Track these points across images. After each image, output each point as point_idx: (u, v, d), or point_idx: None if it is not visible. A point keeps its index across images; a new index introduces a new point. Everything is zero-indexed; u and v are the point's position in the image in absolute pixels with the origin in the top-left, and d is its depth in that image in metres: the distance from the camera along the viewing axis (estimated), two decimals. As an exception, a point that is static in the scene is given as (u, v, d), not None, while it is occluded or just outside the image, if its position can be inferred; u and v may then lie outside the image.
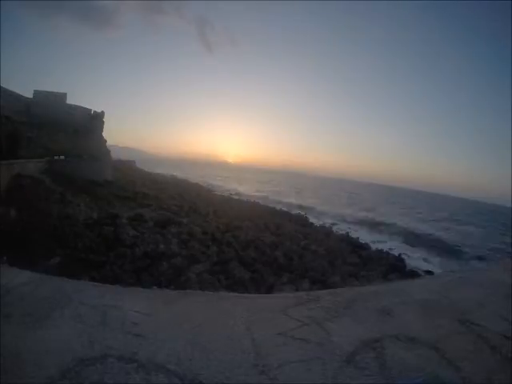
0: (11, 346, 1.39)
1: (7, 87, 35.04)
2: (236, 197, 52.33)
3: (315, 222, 35.95)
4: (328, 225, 35.73)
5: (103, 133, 48.76)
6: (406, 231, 39.82)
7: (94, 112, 47.87)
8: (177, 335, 1.54)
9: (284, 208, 44.50)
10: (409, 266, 22.31)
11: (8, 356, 1.33)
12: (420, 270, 20.99)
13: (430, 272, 18.74)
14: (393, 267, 20.20)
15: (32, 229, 13.94)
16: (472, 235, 44.87)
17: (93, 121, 45.98)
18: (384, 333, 1.60)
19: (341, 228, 35.67)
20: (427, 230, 42.92)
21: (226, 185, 77.70)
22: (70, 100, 46.67)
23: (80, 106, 46.81)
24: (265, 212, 35.88)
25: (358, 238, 29.12)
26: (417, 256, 27.63)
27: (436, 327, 1.66)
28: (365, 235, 33.12)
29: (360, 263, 20.09)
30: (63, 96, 46.01)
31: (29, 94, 42.28)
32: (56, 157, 28.77)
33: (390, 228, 41.01)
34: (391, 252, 25.36)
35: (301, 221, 35.19)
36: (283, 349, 1.47)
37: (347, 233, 31.13)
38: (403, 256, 24.87)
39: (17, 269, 2.34)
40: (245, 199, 49.09)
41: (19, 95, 38.65)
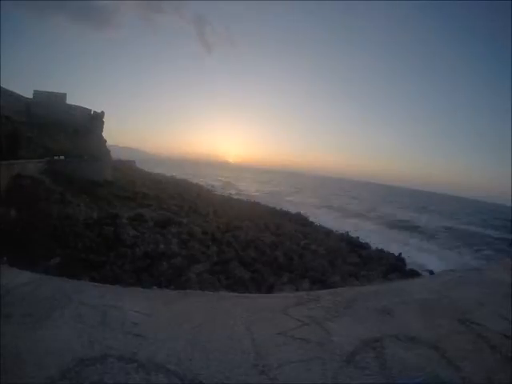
0: (11, 346, 1.39)
1: (7, 87, 35.00)
2: (236, 197, 52.34)
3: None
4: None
5: (103, 133, 48.85)
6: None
7: (94, 112, 47.87)
8: (177, 335, 1.54)
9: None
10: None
11: (8, 356, 1.33)
12: (420, 270, 21.00)
13: (431, 272, 18.73)
14: (393, 267, 20.22)
15: (32, 229, 13.94)
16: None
17: (93, 121, 45.98)
18: (384, 332, 1.60)
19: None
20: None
21: (227, 188, 74.90)
22: (70, 100, 46.75)
23: (80, 106, 46.81)
24: (265, 212, 35.89)
25: (358, 238, 29.11)
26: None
27: (436, 327, 1.66)
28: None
29: (360, 263, 20.11)
30: (63, 96, 45.99)
31: (29, 94, 42.30)
32: (56, 157, 28.73)
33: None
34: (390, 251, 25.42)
35: (301, 220, 35.21)
36: (283, 349, 1.47)
37: (347, 232, 31.06)
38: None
39: (17, 269, 2.34)
40: (245, 199, 49.10)
41: (19, 95, 38.59)
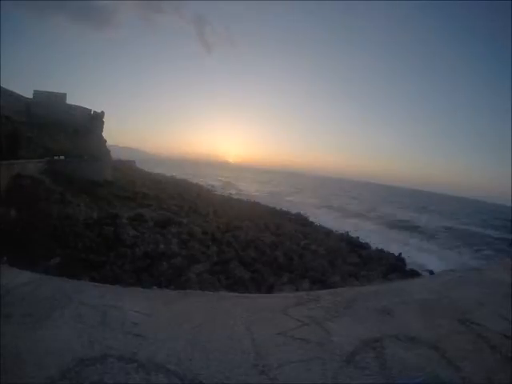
0: (11, 346, 1.39)
1: (7, 87, 34.99)
2: (236, 197, 52.34)
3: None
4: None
5: (103, 133, 48.81)
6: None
7: (94, 112, 47.84)
8: (177, 335, 1.54)
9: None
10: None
11: (8, 356, 1.33)
12: (420, 270, 21.00)
13: (431, 272, 18.74)
14: (393, 267, 20.19)
15: (32, 229, 13.94)
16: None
17: (93, 121, 45.95)
18: (384, 332, 1.60)
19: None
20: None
21: (227, 188, 74.34)
22: (70, 100, 46.71)
23: (80, 106, 46.77)
24: (265, 212, 35.90)
25: (358, 238, 29.11)
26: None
27: (436, 327, 1.66)
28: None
29: (360, 263, 20.10)
30: (63, 96, 45.97)
31: (29, 94, 42.27)
32: (56, 157, 28.71)
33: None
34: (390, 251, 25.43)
35: (301, 220, 35.23)
36: (283, 349, 1.47)
37: (347, 232, 31.04)
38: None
39: (17, 269, 2.34)
40: (245, 199, 49.09)
41: (19, 95, 38.57)
